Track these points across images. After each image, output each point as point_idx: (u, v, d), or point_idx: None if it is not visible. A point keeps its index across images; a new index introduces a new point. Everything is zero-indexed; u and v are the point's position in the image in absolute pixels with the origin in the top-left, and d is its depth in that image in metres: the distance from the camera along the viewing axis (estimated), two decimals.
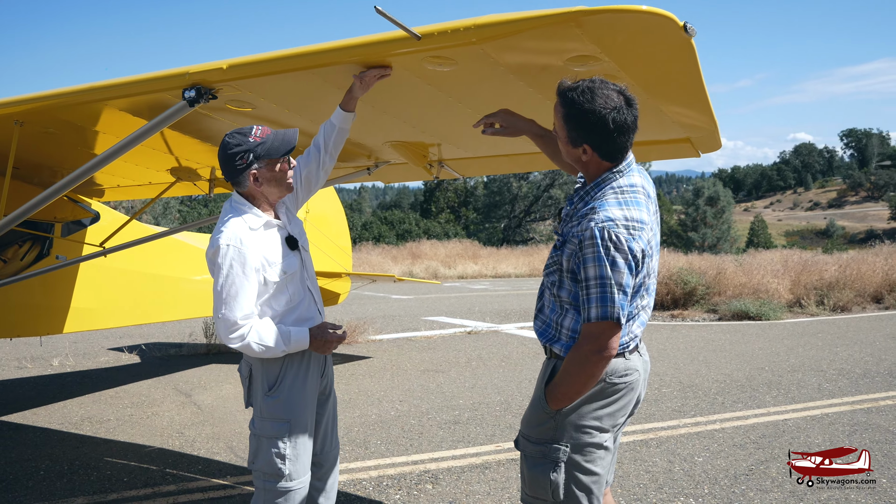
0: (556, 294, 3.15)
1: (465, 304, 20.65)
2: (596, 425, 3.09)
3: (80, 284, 7.68)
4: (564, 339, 3.12)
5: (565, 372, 3.03)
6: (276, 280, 3.60)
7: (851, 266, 19.43)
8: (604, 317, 2.89)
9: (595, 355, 2.93)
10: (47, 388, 9.48)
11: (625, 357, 3.13)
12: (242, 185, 3.67)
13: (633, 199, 3.04)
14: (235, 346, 3.48)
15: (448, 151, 5.69)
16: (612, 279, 2.88)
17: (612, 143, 3.05)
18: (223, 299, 3.46)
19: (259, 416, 3.66)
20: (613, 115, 2.98)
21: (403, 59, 3.61)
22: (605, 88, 3.02)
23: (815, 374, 9.95)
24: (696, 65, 3.56)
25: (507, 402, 8.49)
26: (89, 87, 4.57)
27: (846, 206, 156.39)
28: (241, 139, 3.62)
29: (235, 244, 3.49)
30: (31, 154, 5.97)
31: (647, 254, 3.00)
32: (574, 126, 3.07)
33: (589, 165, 3.15)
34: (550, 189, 58.75)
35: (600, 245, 2.89)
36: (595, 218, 2.95)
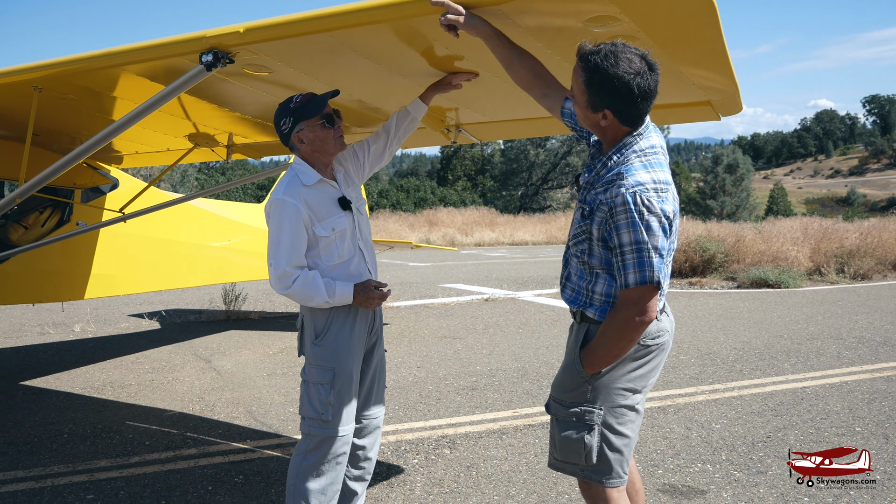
0: (587, 261, 3.14)
1: (482, 272, 20.65)
2: (630, 387, 3.13)
3: (101, 251, 7.74)
4: (598, 304, 3.12)
5: (603, 336, 3.03)
6: (325, 235, 3.82)
7: (872, 234, 19.27)
8: (643, 281, 2.89)
9: (635, 319, 2.93)
10: (69, 354, 9.59)
11: (657, 318, 3.14)
12: (294, 148, 3.95)
13: (656, 160, 3.05)
14: (280, 292, 3.76)
15: (465, 116, 5.65)
16: (649, 243, 2.88)
17: (634, 109, 3.02)
18: (274, 248, 3.74)
19: (308, 362, 3.90)
20: (638, 81, 2.94)
21: (420, 21, 3.58)
22: (628, 52, 2.97)
23: (834, 341, 9.91)
24: (717, 25, 3.50)
25: (524, 368, 8.51)
26: (107, 52, 4.56)
27: (868, 174, 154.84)
28: (284, 105, 3.94)
29: (288, 198, 3.75)
30: (50, 121, 5.99)
31: (675, 213, 3.01)
32: (596, 91, 3.01)
33: (608, 130, 3.12)
34: (567, 157, 58.50)
35: (633, 210, 2.88)
36: (624, 183, 2.94)
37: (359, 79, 4.68)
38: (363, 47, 4.04)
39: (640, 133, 3.10)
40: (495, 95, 4.97)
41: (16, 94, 5.26)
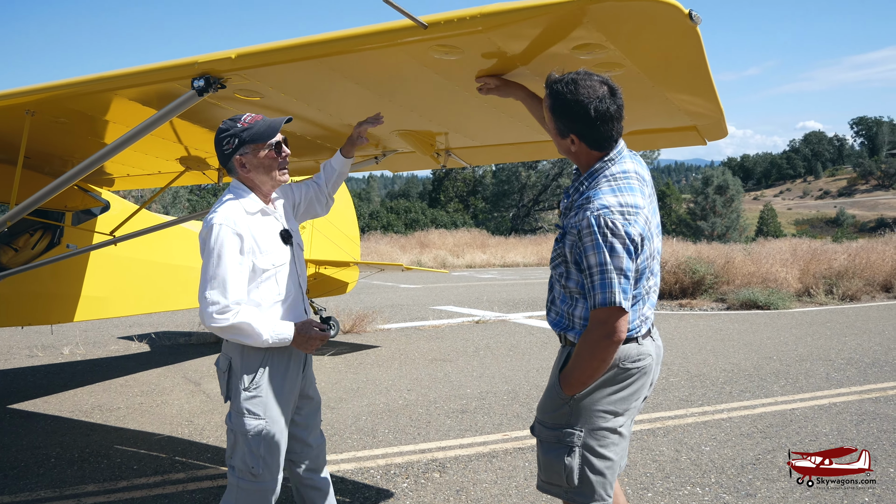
0: (565, 285, 3.20)
1: (473, 294, 20.67)
2: (610, 409, 3.15)
3: (91, 273, 7.73)
4: (578, 328, 3.18)
5: (577, 357, 3.08)
6: (265, 268, 3.55)
7: (861, 255, 19.38)
8: (608, 302, 2.93)
9: (604, 340, 2.98)
10: (58, 377, 9.55)
11: (637, 342, 3.19)
12: (233, 170, 3.69)
13: (627, 185, 3.10)
14: (217, 325, 3.38)
15: (455, 140, 5.70)
16: (612, 265, 2.93)
17: (596, 132, 3.12)
18: (211, 279, 3.38)
19: (236, 409, 3.57)
20: (596, 104, 3.05)
21: (410, 48, 3.62)
22: (589, 79, 3.10)
23: (823, 363, 9.95)
24: (701, 52, 3.56)
25: (515, 391, 8.52)
26: (99, 77, 4.60)
27: (856, 195, 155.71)
28: (230, 124, 3.65)
29: (229, 224, 3.45)
30: (42, 143, 6.01)
31: (645, 237, 3.04)
32: (559, 116, 3.16)
33: (579, 156, 3.23)
34: (559, 178, 58.65)
35: (597, 233, 2.95)
36: (590, 207, 3.01)
37: (349, 104, 4.73)
38: (353, 73, 4.08)
39: (611, 158, 3.18)
40: (484, 120, 5.02)
41: (8, 117, 5.29)
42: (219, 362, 3.70)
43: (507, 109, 4.74)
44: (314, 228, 11.80)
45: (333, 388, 8.60)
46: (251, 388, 3.55)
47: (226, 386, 3.63)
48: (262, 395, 3.56)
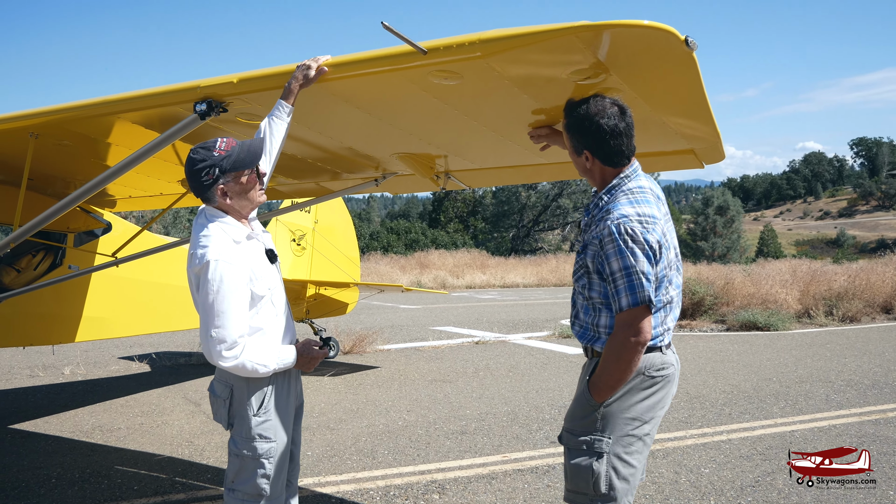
0: (589, 296, 3.35)
1: (472, 314, 20.68)
2: (637, 416, 3.27)
3: (92, 294, 7.76)
4: (604, 337, 3.30)
5: (605, 362, 3.23)
6: (262, 294, 3.51)
7: (861, 276, 19.38)
8: (634, 303, 3.10)
9: (630, 341, 3.12)
10: (59, 397, 9.56)
11: (661, 351, 3.33)
12: (212, 200, 3.58)
13: (643, 198, 3.28)
14: (227, 365, 3.35)
15: (454, 163, 5.74)
16: (636, 267, 3.10)
17: (607, 147, 3.33)
18: (215, 317, 3.32)
19: (244, 436, 3.53)
20: (605, 121, 3.29)
21: (410, 73, 3.67)
22: (601, 99, 3.38)
23: (822, 385, 9.95)
24: (697, 77, 3.61)
25: (514, 412, 8.52)
26: (103, 101, 4.66)
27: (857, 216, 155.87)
28: (205, 154, 3.52)
29: (225, 259, 3.38)
30: (46, 166, 6.06)
31: (662, 245, 3.21)
32: (573, 134, 3.42)
33: (595, 173, 3.45)
34: (559, 199, 58.75)
35: (619, 239, 3.13)
36: (610, 217, 3.20)
37: (350, 127, 4.78)
38: (354, 97, 4.14)
39: (627, 175, 3.37)
40: (483, 144, 5.07)
41: (12, 140, 5.34)
42: (215, 389, 3.62)
43: (506, 133, 4.79)
44: (314, 249, 11.84)
45: (333, 409, 8.61)
46: (261, 413, 3.53)
47: (227, 413, 3.56)
48: (272, 419, 3.56)
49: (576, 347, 13.78)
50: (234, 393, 3.54)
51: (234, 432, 3.57)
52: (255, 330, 3.50)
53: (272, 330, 3.59)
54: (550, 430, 7.60)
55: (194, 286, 3.47)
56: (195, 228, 3.58)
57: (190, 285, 3.51)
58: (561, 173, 6.37)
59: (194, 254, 3.45)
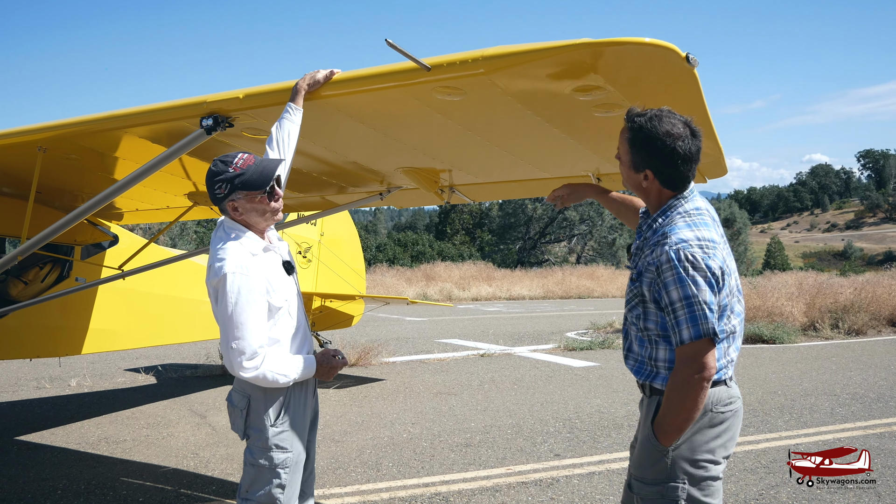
0: (644, 327, 3.13)
1: (478, 327, 20.69)
2: (709, 458, 3.04)
3: (99, 306, 7.81)
4: (664, 372, 3.09)
5: (668, 401, 2.98)
6: (280, 306, 3.54)
7: (867, 289, 19.34)
8: (697, 335, 2.87)
9: (695, 377, 2.89)
10: (65, 409, 9.60)
11: (726, 385, 3.10)
12: (226, 213, 3.63)
13: (701, 220, 3.08)
14: (248, 375, 3.39)
15: (459, 177, 5.78)
16: (698, 297, 2.88)
17: (675, 171, 3.11)
18: (235, 328, 3.36)
19: (260, 446, 3.54)
20: (679, 144, 3.06)
21: (414, 90, 3.71)
22: (672, 117, 3.10)
23: (828, 398, 9.94)
24: (699, 93, 3.65)
25: (519, 425, 8.53)
26: (110, 116, 4.72)
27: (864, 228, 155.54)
28: (222, 168, 3.54)
29: (242, 271, 3.40)
30: (53, 179, 6.12)
31: (725, 271, 2.99)
32: (639, 150, 3.14)
33: (650, 192, 3.21)
34: (565, 210, 58.75)
35: (678, 266, 2.91)
36: (668, 242, 2.98)
37: (354, 142, 4.82)
38: (359, 113, 4.18)
39: (684, 196, 3.17)
40: (488, 158, 5.11)
41: (20, 153, 5.40)
42: (233, 399, 3.65)
43: (509, 148, 4.83)
44: (320, 262, 11.88)
45: (338, 422, 8.63)
46: (278, 423, 3.55)
47: (243, 423, 3.58)
48: (289, 430, 3.58)
49: (580, 360, 13.79)
50: (251, 403, 3.57)
51: (251, 442, 3.59)
52: (274, 341, 3.53)
53: (290, 341, 3.62)
54: (555, 443, 7.61)
55: (213, 298, 3.49)
56: (213, 241, 3.62)
57: (210, 298, 3.54)
58: None
59: (212, 266, 3.48)
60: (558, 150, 4.86)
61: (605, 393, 10.46)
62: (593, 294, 37.99)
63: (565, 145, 4.67)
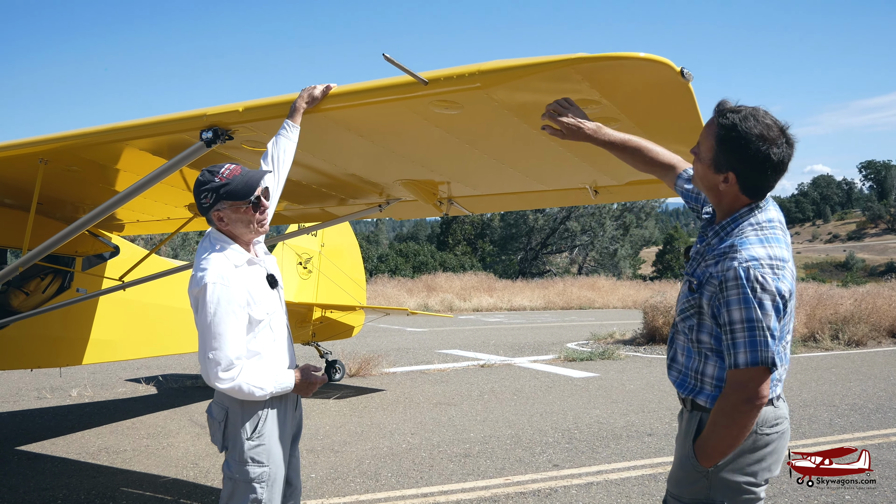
0: (696, 339, 2.94)
1: (479, 337, 20.70)
2: (751, 480, 2.89)
3: (100, 316, 7.85)
4: (709, 389, 2.92)
5: (714, 425, 2.82)
6: (260, 318, 3.54)
7: (867, 300, 19.33)
8: (754, 362, 2.68)
9: (746, 405, 2.72)
10: (66, 419, 9.62)
11: (773, 405, 2.93)
12: (211, 222, 3.64)
13: (773, 235, 2.86)
14: (224, 387, 3.39)
15: (457, 189, 5.83)
16: (762, 322, 2.68)
17: (761, 179, 2.86)
18: (213, 338, 3.37)
19: (237, 459, 3.54)
20: (774, 150, 2.80)
21: (412, 103, 3.76)
22: (768, 118, 2.83)
23: (826, 409, 9.95)
24: (694, 106, 3.69)
25: (518, 435, 8.55)
26: (111, 128, 4.77)
27: (866, 239, 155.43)
28: (209, 177, 3.56)
29: (222, 282, 3.41)
30: (55, 190, 6.17)
31: (792, 293, 2.81)
32: (727, 150, 2.83)
33: (724, 196, 2.93)
34: (567, 221, 58.78)
35: (746, 286, 2.69)
36: (738, 257, 2.75)
37: (353, 154, 4.87)
38: (357, 126, 4.23)
39: (758, 206, 2.92)
40: (485, 171, 5.15)
41: (22, 165, 5.46)
42: (212, 411, 3.65)
43: (507, 161, 4.87)
44: (321, 272, 11.92)
45: (338, 432, 8.65)
46: (254, 436, 3.54)
47: (221, 435, 3.59)
48: (266, 443, 3.56)
49: (580, 371, 13.80)
50: (228, 416, 3.57)
51: (228, 455, 3.60)
52: (253, 354, 3.53)
53: (270, 354, 3.62)
54: (554, 454, 7.63)
55: (194, 308, 3.51)
56: (199, 251, 3.63)
57: (192, 307, 3.55)
58: (564, 199, 6.45)
59: (194, 276, 3.50)
60: (555, 163, 4.90)
61: (605, 404, 10.47)
62: (594, 305, 37.99)
63: (562, 158, 4.71)
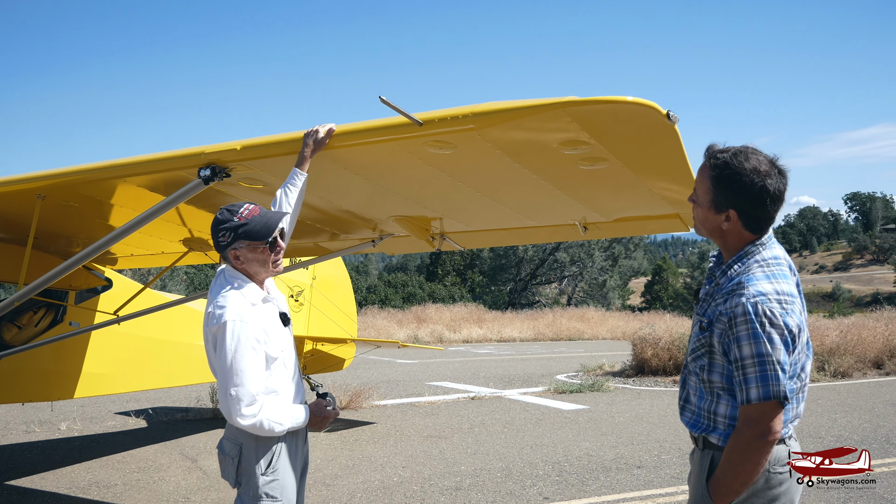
0: (707, 379, 2.97)
1: (469, 369, 20.71)
2: None
3: (92, 350, 7.87)
4: (722, 428, 2.95)
5: (727, 461, 2.83)
6: (276, 356, 3.58)
7: (852, 331, 19.45)
8: (766, 396, 2.72)
9: (759, 441, 2.74)
10: (55, 453, 9.59)
11: (785, 443, 2.94)
12: (227, 260, 3.71)
13: (780, 272, 2.91)
14: (246, 423, 3.43)
15: (449, 225, 5.92)
16: (772, 356, 2.72)
17: (762, 211, 2.93)
18: (234, 375, 3.41)
19: (251, 495, 3.58)
20: (769, 182, 2.88)
21: (406, 143, 3.86)
22: (758, 154, 2.93)
23: (812, 440, 10.01)
24: (680, 147, 3.80)
25: (509, 468, 8.58)
26: (110, 165, 4.85)
27: (852, 269, 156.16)
28: (227, 216, 3.64)
29: (241, 319, 3.47)
30: (51, 225, 6.23)
31: (801, 328, 2.85)
32: (724, 188, 2.92)
33: (729, 235, 3.01)
34: (556, 252, 58.99)
35: (755, 321, 2.75)
36: (745, 293, 2.81)
37: (348, 192, 4.96)
38: (352, 165, 4.33)
39: (762, 243, 2.98)
40: (477, 208, 5.25)
41: (19, 201, 5.53)
42: (224, 447, 3.69)
43: (498, 198, 4.97)
44: (311, 305, 11.97)
45: (329, 465, 8.66)
46: (269, 472, 3.58)
47: (235, 471, 3.62)
48: (280, 478, 3.60)
49: (570, 403, 13.84)
50: (243, 451, 3.60)
51: (242, 491, 3.63)
52: (270, 391, 3.58)
53: (285, 391, 3.67)
54: (544, 486, 7.66)
55: (210, 345, 3.55)
56: (213, 288, 3.69)
57: (206, 344, 3.60)
58: (554, 235, 6.56)
59: (212, 313, 3.54)
60: (546, 200, 5.01)
61: (594, 436, 10.51)
62: (584, 336, 38.05)
63: (552, 196, 4.82)
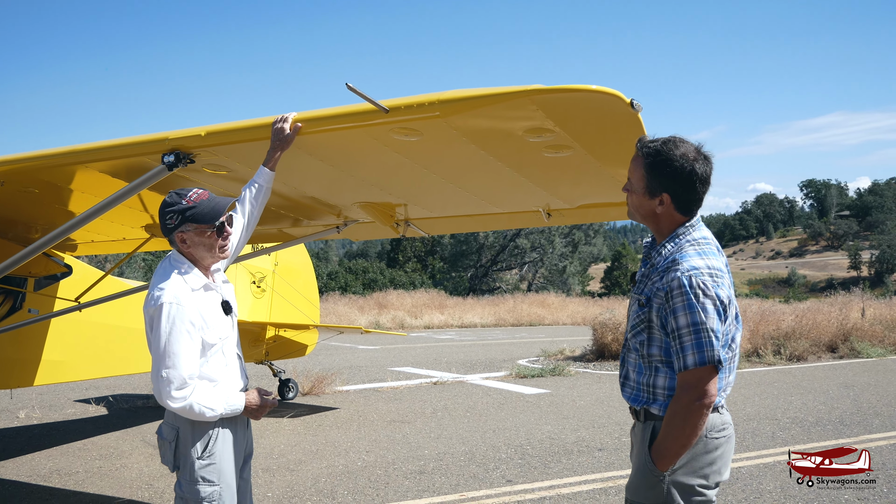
0: (647, 353, 3.16)
1: (431, 355, 20.79)
2: (703, 483, 3.09)
3: (52, 337, 7.78)
4: (662, 399, 3.13)
5: (668, 426, 3.03)
6: (213, 343, 3.62)
7: (808, 316, 19.88)
8: (702, 362, 2.93)
9: (696, 403, 2.95)
10: (14, 441, 9.48)
11: (719, 412, 3.16)
12: (174, 244, 3.74)
13: (709, 249, 3.13)
14: (176, 406, 3.45)
15: (414, 211, 5.95)
16: (706, 324, 2.93)
17: (692, 193, 3.15)
18: (166, 357, 3.45)
19: (188, 478, 3.60)
20: (697, 166, 3.10)
21: (372, 130, 3.89)
22: (684, 142, 3.16)
23: (769, 422, 10.25)
24: (642, 134, 3.86)
25: (472, 451, 8.67)
26: (71, 150, 4.80)
27: (807, 255, 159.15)
28: (176, 199, 3.68)
29: (177, 303, 3.50)
30: (10, 211, 6.15)
31: (731, 301, 3.07)
32: (656, 175, 3.14)
33: (662, 219, 3.23)
34: (517, 238, 59.31)
35: (689, 292, 2.95)
36: (680, 268, 3.02)
37: (313, 178, 4.97)
38: (318, 151, 4.34)
39: (692, 224, 3.20)
40: (442, 194, 5.29)
41: None
42: (162, 432, 3.72)
43: (463, 185, 5.02)
44: (274, 291, 11.94)
45: (293, 451, 8.68)
46: (205, 456, 3.60)
47: (172, 455, 3.65)
48: (216, 462, 3.62)
49: (532, 387, 13.98)
50: (179, 435, 3.63)
51: (180, 475, 3.66)
52: (206, 378, 3.61)
53: (222, 379, 3.69)
54: (507, 469, 7.76)
55: (148, 327, 3.60)
56: (157, 271, 3.71)
57: (146, 326, 3.63)
58: (518, 222, 6.62)
59: (151, 295, 3.58)
60: (510, 187, 5.06)
61: (556, 419, 10.65)
62: (544, 322, 38.34)
63: (517, 183, 4.87)
